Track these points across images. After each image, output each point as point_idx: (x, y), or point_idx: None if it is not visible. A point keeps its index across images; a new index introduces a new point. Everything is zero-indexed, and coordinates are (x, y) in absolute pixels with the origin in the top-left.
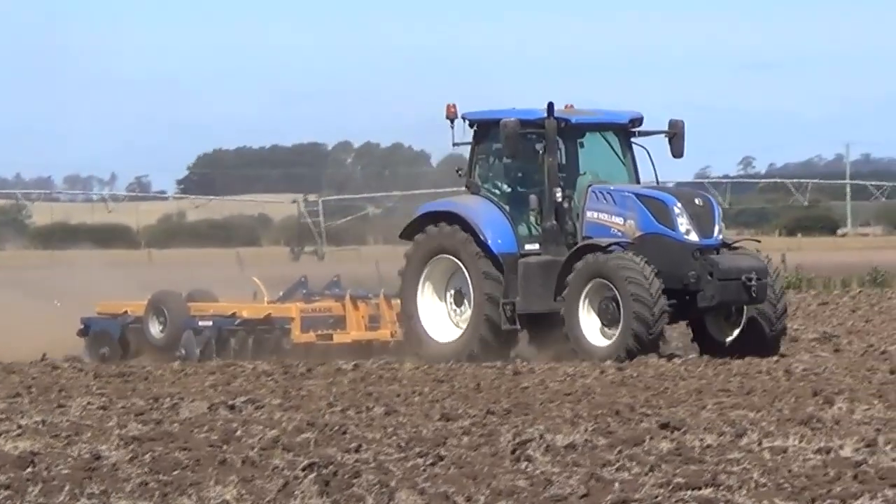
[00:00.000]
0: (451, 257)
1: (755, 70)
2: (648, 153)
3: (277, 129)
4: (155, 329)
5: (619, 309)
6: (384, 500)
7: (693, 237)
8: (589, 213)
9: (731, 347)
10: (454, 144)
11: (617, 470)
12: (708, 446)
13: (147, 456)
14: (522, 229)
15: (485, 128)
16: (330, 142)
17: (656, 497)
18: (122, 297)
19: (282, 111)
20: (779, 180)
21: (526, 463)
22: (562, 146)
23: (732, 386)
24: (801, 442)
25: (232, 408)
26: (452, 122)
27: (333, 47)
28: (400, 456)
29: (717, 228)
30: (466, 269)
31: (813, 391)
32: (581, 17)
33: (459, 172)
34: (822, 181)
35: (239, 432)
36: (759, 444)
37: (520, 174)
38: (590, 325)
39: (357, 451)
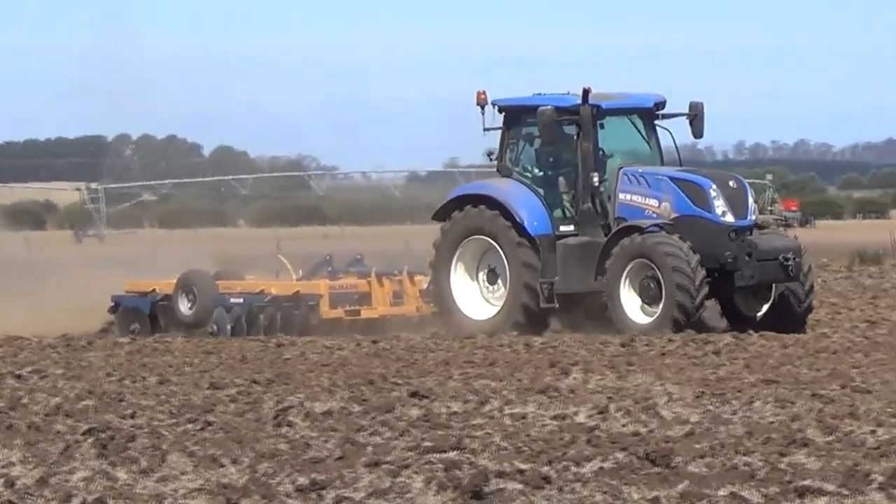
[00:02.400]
0: (485, 238)
1: (503, 68)
2: (672, 135)
3: (61, 123)
4: (184, 306)
5: (659, 287)
6: (157, 462)
7: (729, 218)
8: (621, 196)
9: (761, 322)
10: (485, 130)
11: (370, 434)
12: (454, 413)
13: None
14: (556, 211)
15: (514, 114)
16: (110, 134)
17: (406, 460)
18: None
19: (64, 107)
20: None
21: (287, 428)
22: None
23: (477, 358)
24: (539, 409)
25: (19, 377)
26: (483, 108)
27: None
28: (172, 421)
29: (750, 210)
30: (504, 254)
31: (550, 363)
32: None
33: (491, 157)
34: None
35: (25, 400)
36: (501, 410)
37: (551, 158)
38: (631, 303)
39: (132, 417)
